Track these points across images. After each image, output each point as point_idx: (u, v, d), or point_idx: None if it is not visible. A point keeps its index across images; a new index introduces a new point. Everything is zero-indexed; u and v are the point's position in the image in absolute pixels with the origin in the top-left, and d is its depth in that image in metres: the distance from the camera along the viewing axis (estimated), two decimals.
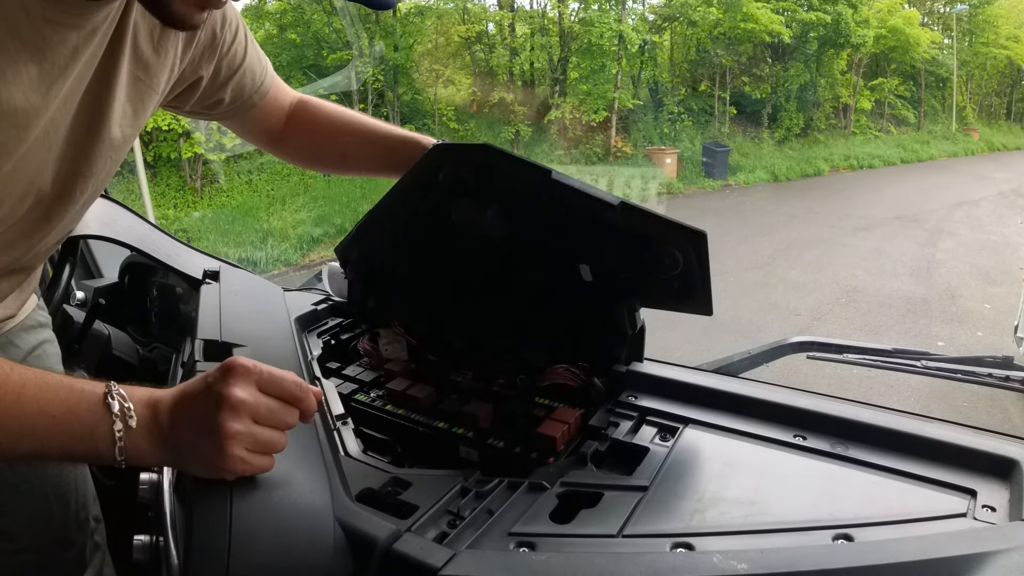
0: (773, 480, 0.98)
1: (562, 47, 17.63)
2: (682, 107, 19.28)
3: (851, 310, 8.38)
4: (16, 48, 0.88)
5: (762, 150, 19.63)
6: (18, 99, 0.90)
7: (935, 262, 10.65)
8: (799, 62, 20.40)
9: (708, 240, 1.09)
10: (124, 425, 0.84)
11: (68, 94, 0.99)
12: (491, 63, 17.26)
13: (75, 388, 0.85)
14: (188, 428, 0.85)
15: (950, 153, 24.26)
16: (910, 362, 1.45)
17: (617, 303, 1.25)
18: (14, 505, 1.32)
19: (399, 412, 1.25)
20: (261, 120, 1.47)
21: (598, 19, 16.87)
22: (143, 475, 1.12)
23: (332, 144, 1.51)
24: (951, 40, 27.33)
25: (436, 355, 1.47)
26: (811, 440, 1.06)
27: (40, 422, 0.82)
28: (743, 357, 1.50)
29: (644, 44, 18.14)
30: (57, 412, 0.83)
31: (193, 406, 0.86)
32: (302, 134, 1.52)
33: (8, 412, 0.81)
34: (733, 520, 0.88)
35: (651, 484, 0.96)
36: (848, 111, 22.92)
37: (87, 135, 1.07)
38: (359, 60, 14.08)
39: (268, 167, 13.51)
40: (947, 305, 8.59)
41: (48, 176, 1.05)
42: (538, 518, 0.89)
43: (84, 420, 0.84)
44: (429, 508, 0.89)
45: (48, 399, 0.83)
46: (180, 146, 12.48)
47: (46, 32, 0.90)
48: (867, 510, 0.89)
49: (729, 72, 19.99)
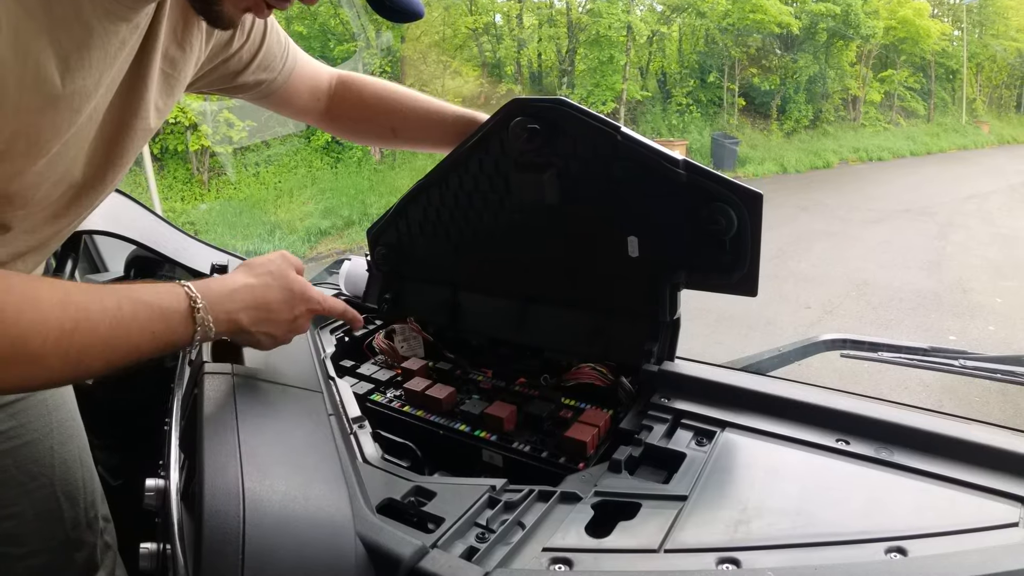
0: (818, 488, 0.93)
1: (570, 38, 17.53)
2: (691, 98, 19.19)
3: (862, 303, 8.30)
4: (81, 34, 0.91)
5: (771, 142, 19.54)
6: (78, 83, 0.94)
7: (946, 255, 10.56)
8: (808, 53, 20.28)
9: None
10: (203, 331, 0.98)
11: (110, 84, 1.03)
12: (499, 54, 17.19)
13: (165, 305, 0.95)
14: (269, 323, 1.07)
15: (960, 146, 24.14)
16: (947, 361, 1.40)
17: (662, 279, 1.20)
18: (23, 505, 1.33)
19: (418, 414, 1.20)
20: (291, 99, 1.49)
21: (606, 10, 16.77)
22: (149, 482, 1.08)
23: (381, 120, 1.54)
24: (961, 32, 27.20)
25: (453, 352, 1.42)
26: (854, 444, 1.01)
27: (142, 339, 0.92)
28: (773, 355, 1.44)
29: (652, 35, 18.07)
30: (156, 329, 0.93)
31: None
32: (349, 110, 1.54)
33: (114, 335, 0.89)
34: (780, 532, 0.83)
35: (691, 493, 0.90)
36: (857, 103, 22.81)
37: (120, 125, 1.10)
38: (366, 51, 14.04)
39: (275, 159, 13.47)
40: (958, 299, 8.50)
41: (82, 162, 1.08)
42: (573, 531, 0.84)
43: (178, 331, 0.96)
44: (455, 521, 0.84)
45: (147, 317, 0.93)
46: (187, 139, 12.44)
47: (105, 22, 0.94)
48: (917, 520, 0.84)
49: (738, 63, 19.88)
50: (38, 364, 0.83)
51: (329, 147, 14.14)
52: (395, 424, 1.19)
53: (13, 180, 0.97)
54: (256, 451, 0.86)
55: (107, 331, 0.88)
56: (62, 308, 0.84)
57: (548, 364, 1.32)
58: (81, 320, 0.85)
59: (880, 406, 1.07)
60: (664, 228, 1.19)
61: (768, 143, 19.43)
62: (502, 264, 1.40)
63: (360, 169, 14.10)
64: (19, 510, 1.33)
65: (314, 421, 1.00)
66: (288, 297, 1.08)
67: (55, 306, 0.84)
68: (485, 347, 1.43)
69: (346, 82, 1.54)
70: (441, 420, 1.18)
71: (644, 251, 1.21)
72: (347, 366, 1.38)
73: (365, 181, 13.69)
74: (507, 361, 1.37)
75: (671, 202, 1.15)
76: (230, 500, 0.74)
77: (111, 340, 0.88)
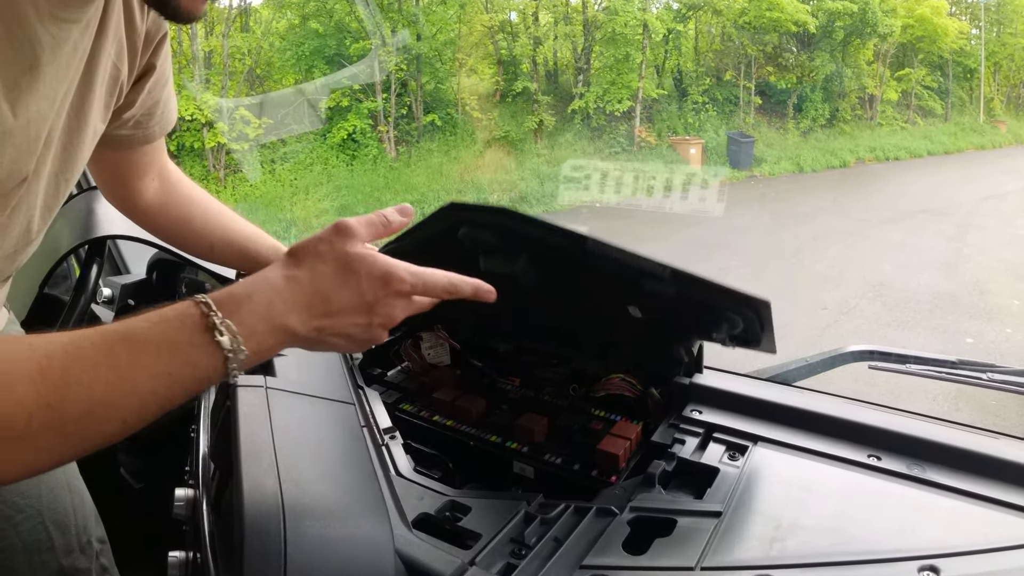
0: (851, 505, 0.93)
1: (586, 36, 17.49)
2: (707, 97, 19.12)
3: (878, 304, 8.28)
4: (29, 50, 0.80)
5: (787, 141, 19.44)
6: (32, 108, 0.83)
7: (963, 256, 10.51)
8: (825, 52, 20.16)
9: (772, 308, 1.00)
10: (235, 358, 0.74)
11: (64, 97, 0.92)
12: (514, 52, 17.17)
13: (168, 337, 0.73)
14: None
15: (977, 145, 23.95)
16: (975, 374, 1.39)
17: (671, 339, 1.20)
18: (11, 539, 1.25)
19: (448, 424, 1.20)
20: (136, 166, 1.31)
21: (622, 8, 16.72)
22: (179, 491, 1.08)
23: (201, 235, 1.39)
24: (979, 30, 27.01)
25: (480, 359, 1.43)
26: (886, 460, 1.01)
27: (158, 384, 0.72)
28: (801, 365, 1.44)
29: (669, 33, 18.01)
30: (172, 369, 0.72)
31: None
32: (171, 210, 1.38)
33: (118, 391, 0.71)
34: (815, 550, 0.83)
35: (725, 509, 0.90)
36: (874, 102, 22.65)
37: (75, 136, 0.99)
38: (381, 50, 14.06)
39: (291, 156, 13.52)
40: (975, 300, 8.46)
41: (40, 188, 0.96)
42: (610, 548, 0.84)
43: (202, 364, 0.73)
44: (492, 537, 0.84)
45: (152, 358, 0.72)
46: (204, 135, 12.50)
47: (53, 28, 0.82)
48: (949, 539, 0.85)
49: (754, 62, 19.79)
50: (31, 446, 0.69)
51: (345, 144, 14.18)
52: (424, 434, 1.19)
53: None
54: (294, 468, 0.86)
55: (104, 391, 0.70)
56: (41, 378, 0.68)
57: (576, 373, 1.33)
58: (71, 385, 0.69)
59: (911, 420, 1.08)
60: (663, 315, 1.16)
61: (784, 142, 19.33)
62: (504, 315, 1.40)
63: (376, 167, 14.13)
64: (7, 543, 1.24)
65: (348, 435, 1.00)
66: (353, 281, 0.80)
67: (31, 379, 0.68)
68: (512, 354, 1.43)
69: (176, 181, 1.40)
70: (472, 430, 1.18)
71: (647, 319, 1.19)
72: (375, 374, 1.38)
73: (380, 179, 13.73)
74: (534, 369, 1.37)
75: (667, 302, 1.10)
76: (271, 520, 0.74)
77: (114, 399, 0.71)
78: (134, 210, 1.38)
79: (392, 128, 14.78)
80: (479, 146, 15.66)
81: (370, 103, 14.43)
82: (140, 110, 1.18)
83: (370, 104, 14.42)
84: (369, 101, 14.44)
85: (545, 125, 16.47)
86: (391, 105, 14.73)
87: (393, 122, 14.80)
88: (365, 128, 14.37)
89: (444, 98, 16.20)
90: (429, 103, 15.76)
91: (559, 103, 17.26)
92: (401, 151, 14.80)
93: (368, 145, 14.35)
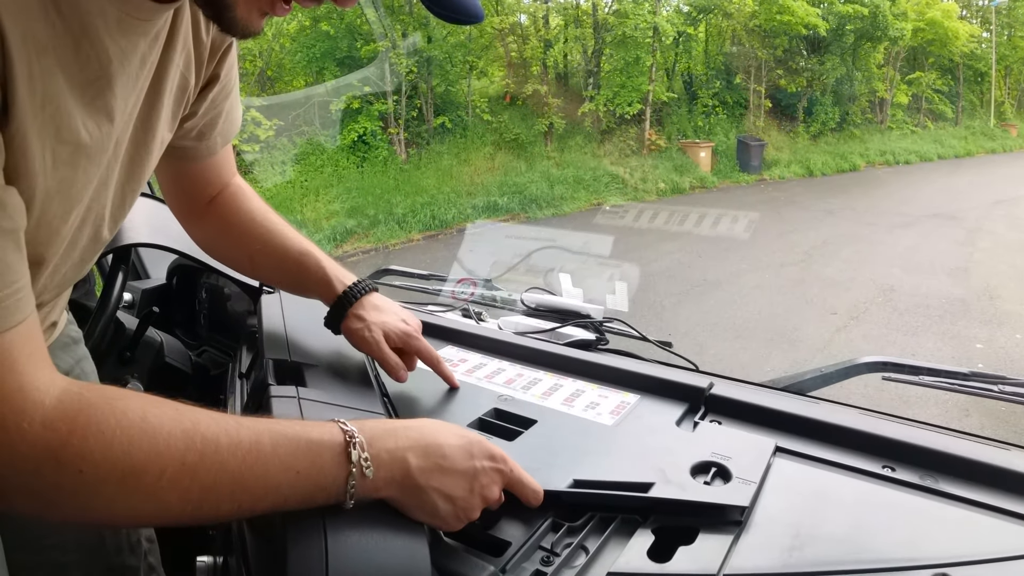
0: (866, 515, 0.95)
1: (596, 39, 17.52)
2: (717, 100, 19.13)
3: (888, 309, 8.26)
4: (98, 64, 0.82)
5: (797, 144, 19.45)
6: (103, 121, 0.85)
7: (973, 261, 10.48)
8: (835, 55, 20.14)
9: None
10: (360, 474, 0.80)
11: (132, 109, 0.94)
12: (524, 55, 17.19)
13: (313, 438, 0.80)
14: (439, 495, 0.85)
15: (988, 149, 23.89)
16: (987, 386, 1.41)
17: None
18: (64, 535, 1.27)
19: None
20: (198, 179, 1.31)
21: (632, 11, 16.73)
22: None
23: (242, 246, 1.36)
24: (990, 34, 26.92)
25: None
26: (900, 471, 1.04)
27: (285, 478, 0.77)
28: (815, 375, 1.47)
29: (679, 36, 18.01)
30: (301, 467, 0.78)
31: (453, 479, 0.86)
32: (219, 222, 1.36)
33: (251, 472, 0.75)
34: (831, 558, 0.86)
35: (745, 519, 0.93)
36: (884, 105, 22.63)
37: (142, 147, 1.01)
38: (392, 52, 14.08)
39: (302, 158, 13.55)
40: (985, 306, 8.43)
41: (107, 199, 0.99)
42: (636, 556, 0.87)
43: (328, 472, 0.79)
44: (522, 545, 0.87)
45: (290, 452, 0.78)
46: None
47: (121, 41, 0.83)
48: (961, 548, 0.87)
49: (764, 65, 19.78)
50: (153, 501, 0.72)
51: (355, 146, 14.22)
52: None
53: (52, 243, 0.89)
54: None
55: (238, 466, 0.75)
56: (186, 439, 0.73)
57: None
58: (208, 453, 0.74)
59: (925, 432, 1.11)
60: None
61: (794, 145, 19.33)
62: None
63: (386, 169, 14.17)
64: (60, 540, 1.26)
65: None
66: (464, 443, 0.88)
67: (178, 437, 0.73)
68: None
69: (235, 191, 1.36)
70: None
71: None
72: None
73: (391, 180, 13.76)
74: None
75: None
76: (313, 529, 0.76)
77: (243, 478, 0.75)
78: (193, 226, 1.39)
79: (403, 130, 14.83)
80: (489, 148, 15.69)
81: (380, 105, 14.47)
82: (202, 120, 1.19)
83: (380, 106, 14.47)
84: (380, 103, 14.49)
85: (555, 127, 16.49)
86: (402, 107, 14.78)
87: (404, 124, 14.85)
88: (376, 130, 14.42)
89: (454, 101, 16.25)
90: (439, 105, 15.81)
91: (569, 106, 17.27)
92: (411, 153, 14.85)
93: (378, 147, 14.40)
